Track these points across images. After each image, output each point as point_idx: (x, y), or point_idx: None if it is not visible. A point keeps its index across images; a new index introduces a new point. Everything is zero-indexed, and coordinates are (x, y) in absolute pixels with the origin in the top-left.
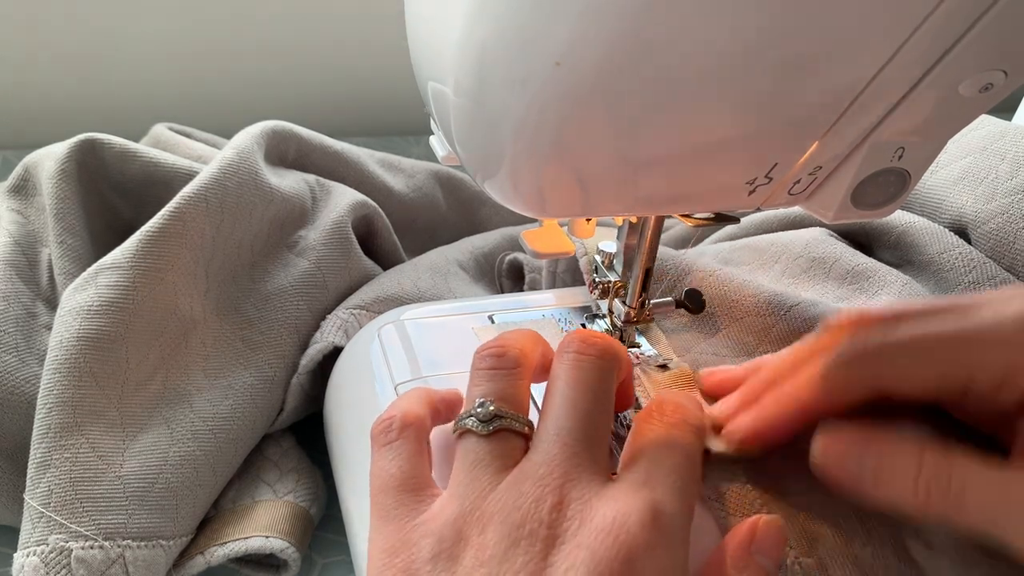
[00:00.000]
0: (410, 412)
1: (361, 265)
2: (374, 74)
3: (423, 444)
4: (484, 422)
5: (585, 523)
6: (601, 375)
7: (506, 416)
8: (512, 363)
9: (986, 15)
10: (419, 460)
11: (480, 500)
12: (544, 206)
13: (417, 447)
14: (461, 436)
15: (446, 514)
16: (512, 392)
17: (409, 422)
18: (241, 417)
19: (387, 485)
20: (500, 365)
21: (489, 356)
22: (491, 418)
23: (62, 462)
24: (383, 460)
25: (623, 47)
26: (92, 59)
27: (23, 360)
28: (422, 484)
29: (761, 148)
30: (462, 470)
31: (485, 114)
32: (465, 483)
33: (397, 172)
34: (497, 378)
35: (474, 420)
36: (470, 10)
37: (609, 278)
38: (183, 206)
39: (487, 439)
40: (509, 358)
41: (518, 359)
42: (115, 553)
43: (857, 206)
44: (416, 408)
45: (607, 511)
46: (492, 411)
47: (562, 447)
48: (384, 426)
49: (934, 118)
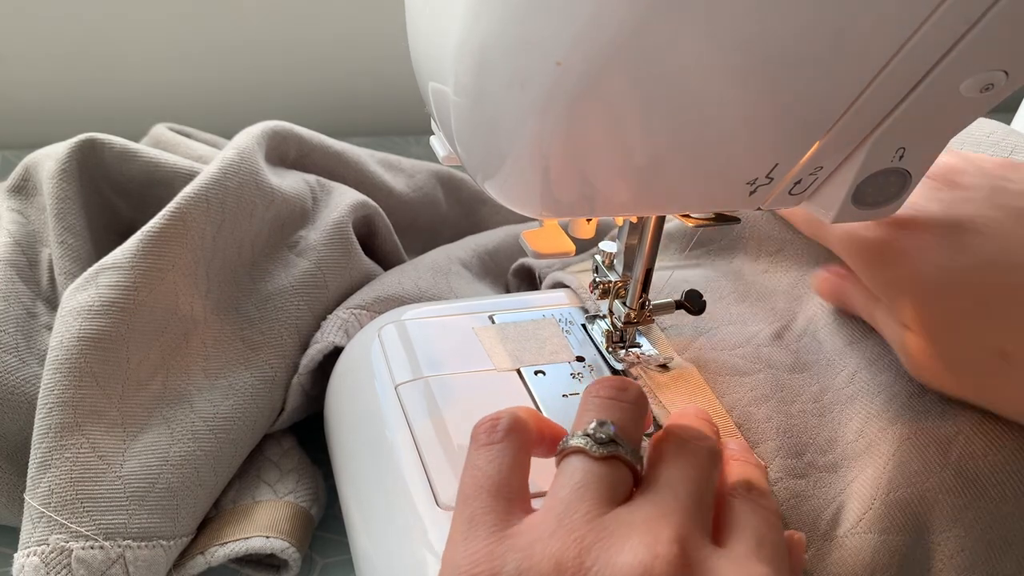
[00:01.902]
0: (520, 418)
1: (362, 265)
2: (374, 74)
3: (526, 456)
4: (600, 444)
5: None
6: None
7: (623, 445)
8: (633, 399)
9: (986, 15)
10: (519, 471)
11: (582, 524)
12: (544, 206)
13: (521, 456)
14: (567, 456)
15: (541, 532)
16: (630, 427)
17: (518, 428)
18: (241, 417)
19: (481, 487)
20: (622, 397)
21: (610, 387)
22: (608, 441)
23: (62, 462)
24: (481, 460)
25: (624, 47)
26: (92, 59)
27: (23, 360)
28: (519, 495)
29: (762, 148)
30: (565, 487)
31: (485, 114)
32: (567, 502)
33: (397, 172)
34: (617, 408)
35: (589, 440)
36: (470, 10)
37: (609, 278)
38: (184, 206)
39: (599, 462)
40: (631, 392)
41: (638, 398)
42: (115, 553)
43: (858, 206)
44: (528, 418)
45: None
46: (612, 434)
47: (675, 499)
48: (489, 425)
49: (935, 118)
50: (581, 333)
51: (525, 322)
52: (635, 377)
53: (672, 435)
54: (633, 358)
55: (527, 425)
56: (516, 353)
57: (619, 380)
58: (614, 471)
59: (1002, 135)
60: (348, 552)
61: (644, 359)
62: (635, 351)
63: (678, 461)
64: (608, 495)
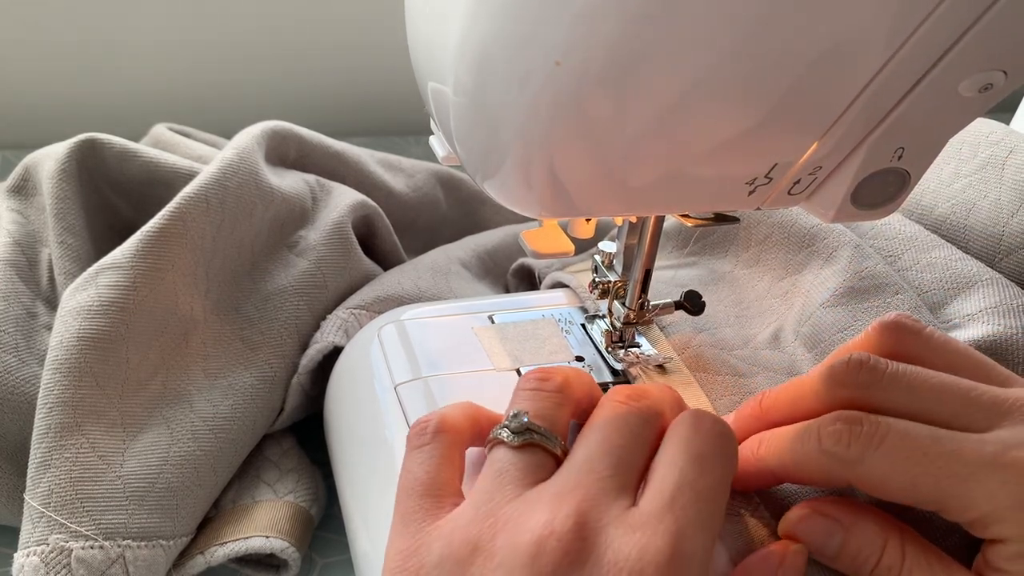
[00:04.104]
0: (449, 418)
1: (361, 265)
2: (374, 74)
3: (456, 452)
4: (516, 433)
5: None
6: (642, 420)
7: (539, 432)
8: (554, 388)
9: (986, 15)
10: (448, 467)
11: (497, 509)
12: (544, 206)
13: (448, 454)
14: (492, 448)
15: (460, 519)
16: (550, 414)
17: (445, 428)
18: (241, 417)
19: (411, 488)
20: (542, 387)
21: (533, 379)
22: (523, 431)
23: (62, 462)
24: (411, 463)
25: (623, 47)
26: (92, 59)
27: (23, 360)
28: (447, 491)
29: (761, 148)
30: (486, 478)
31: (485, 114)
32: (486, 491)
33: (397, 172)
34: (537, 398)
35: (507, 432)
36: (470, 10)
37: (609, 278)
38: (184, 206)
39: (516, 451)
40: (553, 383)
41: (561, 386)
42: (115, 553)
43: (857, 206)
44: (457, 416)
45: (624, 544)
46: (525, 424)
47: (589, 471)
48: (419, 429)
49: (934, 118)
50: (580, 333)
51: (524, 322)
52: (634, 377)
53: (601, 406)
54: (632, 358)
55: (456, 424)
56: (515, 353)
57: (542, 371)
58: (532, 457)
59: (1001, 135)
60: (348, 552)
61: (643, 359)
62: (634, 351)
63: (602, 430)
64: (527, 480)
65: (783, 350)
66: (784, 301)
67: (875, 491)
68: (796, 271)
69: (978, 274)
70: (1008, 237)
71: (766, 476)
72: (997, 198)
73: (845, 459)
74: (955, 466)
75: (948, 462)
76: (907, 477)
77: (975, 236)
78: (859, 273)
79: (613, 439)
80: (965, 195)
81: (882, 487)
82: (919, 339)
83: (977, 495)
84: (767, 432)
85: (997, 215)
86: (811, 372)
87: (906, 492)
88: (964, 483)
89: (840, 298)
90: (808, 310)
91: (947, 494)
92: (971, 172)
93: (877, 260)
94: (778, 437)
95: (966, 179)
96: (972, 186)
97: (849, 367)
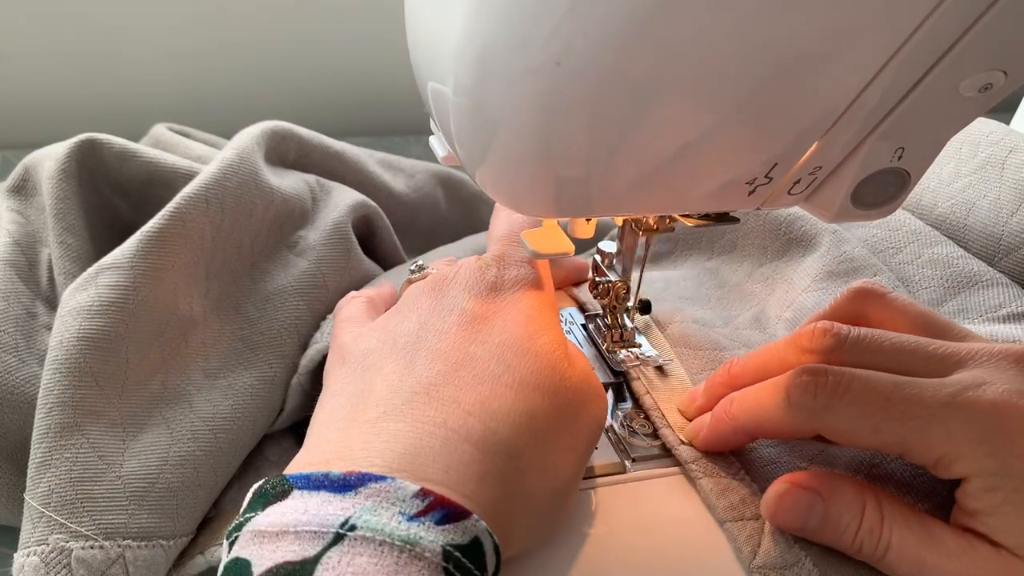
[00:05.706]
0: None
1: (361, 265)
2: (374, 74)
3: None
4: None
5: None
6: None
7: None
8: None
9: (986, 15)
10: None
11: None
12: (543, 206)
13: (369, 305)
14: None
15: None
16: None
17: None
18: (241, 417)
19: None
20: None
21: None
22: (419, 268)
23: (62, 462)
24: (339, 313)
25: (624, 47)
26: (92, 59)
27: (23, 360)
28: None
29: (761, 148)
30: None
31: (485, 114)
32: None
33: (397, 172)
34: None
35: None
36: (470, 10)
37: (609, 278)
38: (183, 206)
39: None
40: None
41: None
42: (115, 553)
43: (857, 206)
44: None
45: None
46: (420, 264)
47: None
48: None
49: (934, 118)
50: (581, 333)
51: None
52: (634, 377)
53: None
54: (632, 358)
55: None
56: None
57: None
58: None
59: (1001, 135)
60: None
61: (643, 359)
62: (634, 351)
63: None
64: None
65: (765, 331)
66: (765, 286)
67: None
68: (776, 256)
69: (979, 274)
70: (1008, 237)
71: (740, 435)
72: (997, 198)
73: (812, 409)
74: (915, 409)
75: (909, 405)
76: (871, 422)
77: (975, 235)
78: (838, 257)
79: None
80: (965, 195)
81: (848, 434)
82: (882, 302)
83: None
84: (737, 392)
85: (997, 215)
86: (778, 340)
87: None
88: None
89: (820, 282)
90: (791, 296)
91: (910, 436)
92: (971, 172)
93: (855, 244)
94: (748, 396)
95: (966, 179)
96: (972, 186)
97: (814, 333)
